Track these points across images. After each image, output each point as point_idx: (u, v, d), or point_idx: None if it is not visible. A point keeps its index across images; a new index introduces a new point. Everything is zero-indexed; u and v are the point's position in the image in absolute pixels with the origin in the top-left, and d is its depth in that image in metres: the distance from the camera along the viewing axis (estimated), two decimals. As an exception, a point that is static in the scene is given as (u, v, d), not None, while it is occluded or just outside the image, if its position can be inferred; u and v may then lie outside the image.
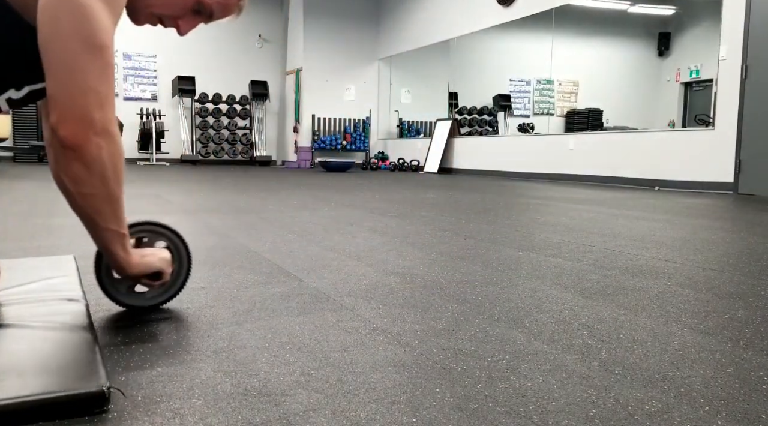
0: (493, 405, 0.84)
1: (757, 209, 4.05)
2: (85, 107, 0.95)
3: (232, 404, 0.83)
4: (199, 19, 1.18)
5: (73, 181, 0.99)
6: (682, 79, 8.37)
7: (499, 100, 9.73)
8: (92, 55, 0.95)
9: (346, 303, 1.40)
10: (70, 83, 0.94)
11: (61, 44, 0.93)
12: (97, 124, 0.96)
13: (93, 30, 0.95)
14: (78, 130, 0.95)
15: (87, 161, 0.97)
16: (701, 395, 0.89)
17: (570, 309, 1.37)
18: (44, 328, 1.04)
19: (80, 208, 1.03)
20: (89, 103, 0.95)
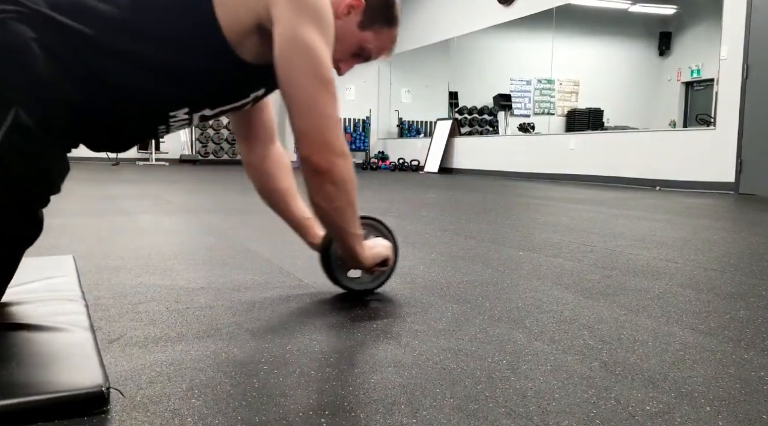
0: (494, 405, 0.84)
1: (758, 209, 4.05)
2: (327, 136, 1.13)
3: (232, 404, 0.83)
4: (357, 60, 1.33)
5: (326, 199, 1.18)
6: (683, 78, 8.36)
7: (500, 100, 9.73)
8: (325, 89, 1.12)
9: (346, 303, 1.40)
10: (313, 117, 1.12)
11: (299, 83, 1.11)
12: (337, 148, 1.15)
13: (322, 67, 1.11)
14: (326, 157, 1.14)
15: (336, 180, 1.16)
16: (702, 396, 0.89)
17: (571, 309, 1.37)
18: (44, 328, 1.04)
19: (332, 220, 1.23)
20: (329, 131, 1.14)
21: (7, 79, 0.96)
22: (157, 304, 1.35)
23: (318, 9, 1.11)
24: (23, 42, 0.96)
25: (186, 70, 1.08)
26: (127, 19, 1.04)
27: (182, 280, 1.60)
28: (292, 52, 1.09)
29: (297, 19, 1.09)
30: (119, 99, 1.07)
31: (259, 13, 1.10)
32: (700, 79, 7.98)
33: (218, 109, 1.18)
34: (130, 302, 1.35)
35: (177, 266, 1.78)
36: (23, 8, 0.98)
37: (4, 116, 0.94)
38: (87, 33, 1.01)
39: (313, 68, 1.10)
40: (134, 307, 1.31)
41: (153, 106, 1.11)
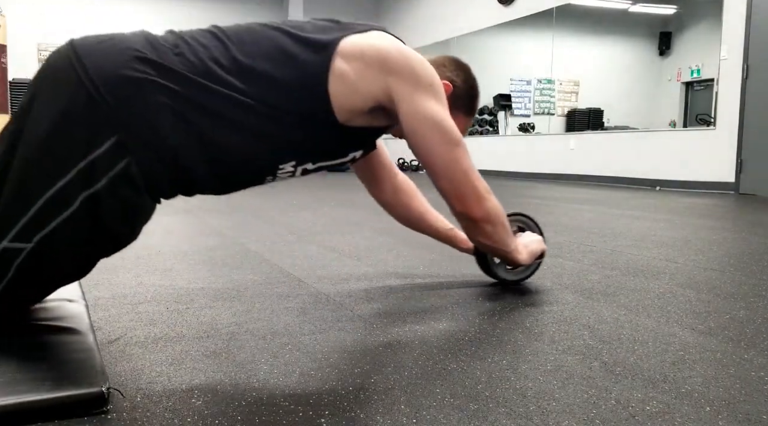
0: (494, 405, 0.84)
1: (759, 209, 4.05)
2: (473, 188, 1.28)
3: (231, 404, 0.83)
4: None
5: (488, 237, 1.36)
6: (683, 78, 8.35)
7: (500, 100, 9.71)
8: (458, 148, 1.25)
9: (346, 303, 1.40)
10: (455, 178, 1.27)
11: (434, 151, 1.24)
12: (482, 192, 1.30)
13: (449, 130, 1.24)
14: (477, 207, 1.29)
15: (491, 220, 1.33)
16: (702, 396, 0.89)
17: (571, 309, 1.37)
18: (44, 328, 1.04)
19: (494, 248, 1.43)
20: (472, 183, 1.28)
21: (133, 131, 1.00)
22: (157, 304, 1.35)
23: (432, 80, 1.23)
24: (155, 103, 1.02)
25: (298, 136, 1.16)
26: (251, 93, 1.09)
27: (182, 280, 1.60)
28: (421, 126, 1.22)
29: (417, 95, 1.20)
30: (236, 158, 1.13)
31: (377, 99, 1.19)
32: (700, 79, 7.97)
33: (319, 163, 1.26)
34: (130, 302, 1.35)
35: (177, 266, 1.78)
36: (163, 72, 1.04)
37: (116, 163, 0.99)
38: (221, 96, 1.07)
39: (442, 135, 1.23)
40: (134, 307, 1.31)
41: (266, 162, 1.18)
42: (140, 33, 1.11)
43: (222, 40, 1.12)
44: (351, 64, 1.14)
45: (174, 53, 1.07)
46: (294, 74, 1.12)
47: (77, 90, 0.99)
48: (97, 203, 0.98)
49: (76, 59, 1.01)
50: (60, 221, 0.97)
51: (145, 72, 1.02)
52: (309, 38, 1.16)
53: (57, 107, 0.98)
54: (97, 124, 0.98)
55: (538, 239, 1.55)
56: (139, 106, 1.01)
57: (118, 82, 1.00)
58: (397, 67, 1.18)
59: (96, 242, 1.04)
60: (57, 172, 0.97)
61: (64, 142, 0.98)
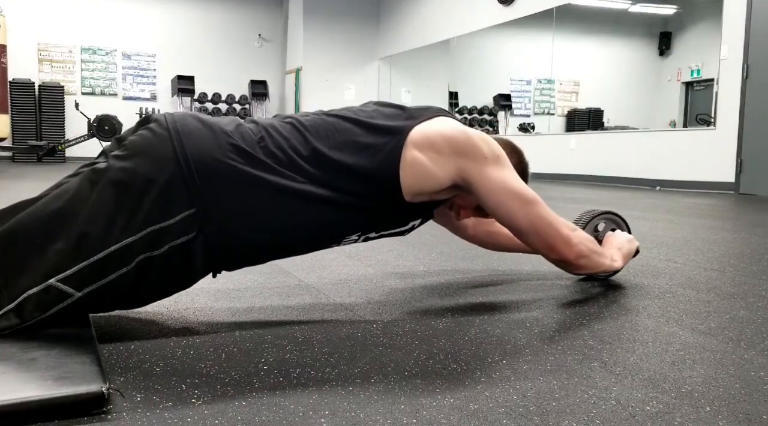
0: (494, 405, 0.84)
1: (759, 209, 4.05)
2: (560, 236, 1.37)
3: (231, 405, 0.83)
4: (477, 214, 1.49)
5: (586, 269, 1.49)
6: (683, 78, 8.35)
7: (500, 100, 9.72)
8: (536, 205, 1.33)
9: (346, 303, 1.40)
10: (543, 232, 1.35)
11: (517, 217, 1.33)
12: (569, 236, 1.39)
13: (523, 192, 1.33)
14: (569, 250, 1.39)
15: (584, 256, 1.43)
16: (702, 396, 0.89)
17: (571, 309, 1.36)
18: (43, 328, 1.04)
19: (595, 272, 1.56)
20: (558, 231, 1.37)
21: (208, 209, 1.08)
22: (157, 304, 1.34)
23: (498, 155, 1.31)
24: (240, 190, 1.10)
25: (367, 212, 1.25)
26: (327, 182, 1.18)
27: (182, 280, 1.60)
28: (500, 199, 1.31)
29: (488, 170, 1.28)
30: (307, 239, 1.24)
31: (453, 180, 1.27)
32: (700, 79, 7.97)
33: (381, 233, 1.34)
34: (130, 302, 1.35)
35: (177, 266, 1.78)
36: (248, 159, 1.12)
37: (183, 234, 1.05)
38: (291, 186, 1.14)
39: (519, 198, 1.32)
40: (134, 307, 1.31)
41: (333, 237, 1.28)
42: (233, 120, 1.20)
43: (301, 131, 1.20)
44: (423, 152, 1.24)
45: (259, 144, 1.15)
46: (368, 162, 1.21)
47: (169, 163, 1.07)
48: (149, 266, 1.05)
49: (177, 138, 1.09)
50: (114, 278, 1.03)
51: (236, 160, 1.11)
52: (380, 125, 1.25)
53: (146, 171, 1.05)
54: (179, 197, 1.06)
55: (629, 238, 1.63)
56: (223, 189, 1.09)
57: (210, 165, 1.09)
58: (465, 149, 1.27)
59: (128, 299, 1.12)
60: (128, 229, 1.03)
61: (143, 201, 1.04)
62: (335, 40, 11.57)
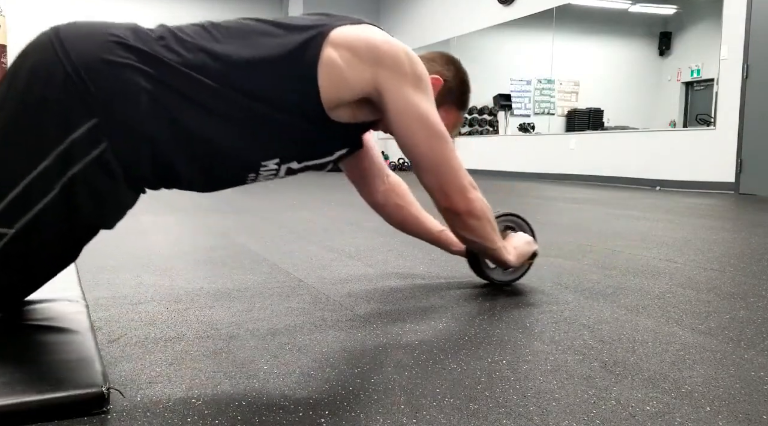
0: (494, 405, 0.84)
1: (759, 209, 4.05)
2: (458, 182, 1.27)
3: (231, 404, 0.83)
4: None
5: (473, 232, 1.34)
6: (683, 78, 8.35)
7: (500, 100, 9.71)
8: (444, 143, 1.24)
9: (346, 303, 1.40)
10: (440, 172, 1.26)
11: (420, 145, 1.23)
12: (468, 187, 1.28)
13: (436, 125, 1.23)
14: (463, 200, 1.28)
15: (477, 215, 1.31)
16: (702, 396, 0.89)
17: (571, 309, 1.37)
18: (44, 328, 1.04)
19: (481, 246, 1.40)
20: (458, 177, 1.27)
21: (109, 115, 0.98)
22: (157, 304, 1.35)
23: (420, 77, 1.22)
24: (135, 89, 1.00)
25: (282, 128, 1.14)
26: (238, 78, 1.08)
27: (182, 280, 1.60)
28: (408, 120, 1.21)
29: (404, 89, 1.19)
30: (217, 150, 1.10)
31: (365, 90, 1.18)
32: (700, 79, 7.97)
33: (304, 163, 1.24)
34: (130, 302, 1.35)
35: (177, 266, 1.78)
36: (145, 59, 1.02)
37: (93, 148, 0.97)
38: (202, 86, 1.05)
39: (429, 129, 1.22)
40: (134, 307, 1.31)
41: (247, 157, 1.15)
42: (126, 23, 1.10)
43: (210, 32, 1.12)
44: (340, 52, 1.13)
45: (159, 43, 1.06)
46: (283, 53, 1.10)
47: (56, 72, 0.97)
48: (73, 190, 0.97)
49: (59, 43, 1.00)
50: (41, 208, 0.96)
51: (128, 58, 1.01)
52: (300, 25, 1.16)
53: (36, 88, 0.97)
54: (75, 107, 0.97)
55: (528, 240, 1.53)
56: (119, 92, 0.99)
57: (99, 67, 0.99)
58: (386, 59, 1.17)
59: (74, 231, 1.03)
60: (37, 155, 0.95)
61: (43, 123, 0.96)
62: (335, 40, 11.55)
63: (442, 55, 1.43)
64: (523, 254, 1.49)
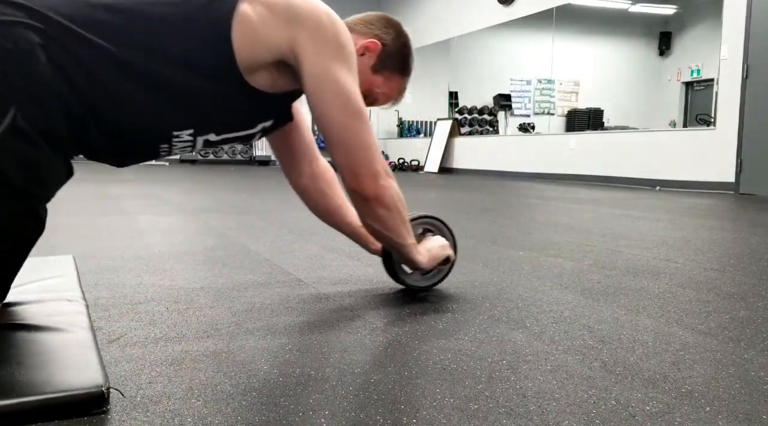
0: (494, 405, 0.84)
1: (758, 209, 4.05)
2: (370, 164, 1.17)
3: (231, 404, 0.83)
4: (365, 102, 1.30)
5: (379, 222, 1.24)
6: (683, 78, 8.36)
7: (500, 100, 9.72)
8: (359, 120, 1.15)
9: (346, 303, 1.40)
10: (352, 150, 1.16)
11: (334, 118, 1.14)
12: (381, 172, 1.19)
13: (354, 100, 1.14)
14: (373, 184, 1.18)
15: (386, 204, 1.21)
16: (702, 395, 0.89)
17: (571, 309, 1.37)
18: (43, 328, 1.04)
19: (387, 238, 1.28)
20: (371, 159, 1.17)
21: (8, 80, 0.94)
22: (157, 304, 1.35)
23: (343, 44, 1.13)
24: (29, 47, 0.95)
25: (193, 92, 1.07)
26: (139, 34, 1.02)
27: (182, 280, 1.60)
28: (323, 90, 1.12)
29: (324, 56, 1.11)
30: (122, 114, 1.04)
31: (281, 52, 1.10)
32: (700, 79, 7.97)
33: (224, 135, 1.16)
34: (130, 302, 1.35)
35: (177, 266, 1.78)
36: (35, 15, 0.97)
37: (2, 117, 0.92)
38: (97, 45, 0.99)
39: (346, 103, 1.13)
40: (134, 307, 1.31)
41: (156, 125, 1.09)
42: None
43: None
44: (256, 7, 1.06)
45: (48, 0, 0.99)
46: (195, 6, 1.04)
47: None
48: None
49: None
50: None
51: (15, 15, 0.95)
52: None
53: None
54: None
55: (443, 244, 1.44)
56: (14, 51, 0.93)
57: None
58: (306, 20, 1.09)
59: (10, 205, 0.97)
60: None
61: None
62: (335, 40, 11.55)
63: (380, 17, 1.33)
64: (435, 257, 1.40)
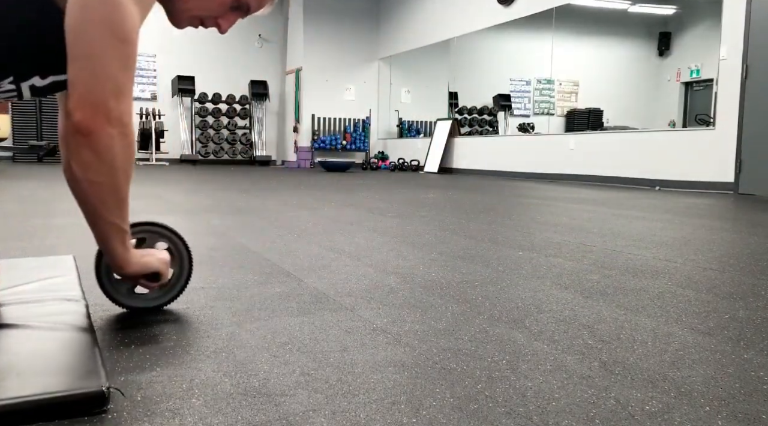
0: (494, 405, 0.84)
1: (758, 209, 4.05)
2: (102, 94, 0.96)
3: (231, 404, 0.83)
4: (237, 14, 1.19)
5: (81, 167, 0.99)
6: (683, 78, 8.36)
7: (500, 100, 9.73)
8: (116, 45, 0.96)
9: (346, 303, 1.40)
10: (91, 69, 0.95)
11: (87, 31, 0.94)
12: (113, 113, 0.97)
13: (120, 22, 0.96)
14: (93, 116, 0.95)
15: (98, 149, 0.97)
16: (702, 395, 0.89)
17: (570, 309, 1.37)
18: (43, 328, 1.04)
19: (85, 196, 1.02)
20: (107, 90, 0.96)
21: None
22: (157, 304, 1.34)
23: None
24: None
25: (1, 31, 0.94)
26: None
27: (182, 280, 1.60)
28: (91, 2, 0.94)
29: None
30: None
31: None
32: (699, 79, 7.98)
33: (51, 78, 1.02)
34: (130, 302, 1.35)
35: (177, 266, 1.78)
36: None
37: None
38: None
39: (111, 20, 0.95)
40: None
41: None
42: None
43: None
44: None
45: None
46: None
47: None
48: None
49: None
50: None
51: None
52: None
53: None
54: None
55: (162, 258, 1.21)
56: None
57: None
58: None
59: None
60: None
61: None
62: (335, 40, 11.58)
63: None
64: (145, 265, 1.17)
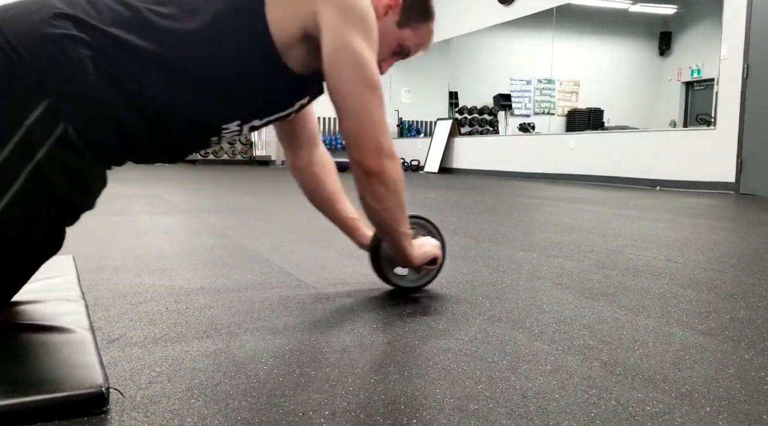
0: (494, 406, 0.84)
1: (759, 209, 4.05)
2: (377, 139, 1.17)
3: (231, 404, 0.83)
4: (397, 58, 1.38)
5: (377, 200, 1.22)
6: (684, 78, 8.35)
7: (500, 100, 9.72)
8: (373, 94, 1.15)
9: (346, 303, 1.40)
10: (363, 122, 1.16)
11: (348, 90, 1.14)
12: (386, 149, 1.18)
13: (370, 73, 1.15)
14: (376, 159, 1.17)
15: (386, 182, 1.19)
16: (702, 396, 0.89)
17: (571, 309, 1.37)
18: (43, 328, 1.04)
19: (383, 219, 1.26)
20: (379, 134, 1.17)
21: (62, 92, 0.96)
22: (156, 304, 1.34)
23: (363, 15, 1.15)
24: (78, 59, 0.97)
25: (239, 83, 1.11)
26: (183, 34, 1.05)
27: (182, 280, 1.60)
28: (341, 60, 1.13)
29: (344, 27, 1.12)
30: (173, 116, 1.08)
31: (305, 22, 1.13)
32: (700, 79, 7.97)
33: (266, 118, 1.21)
34: (130, 302, 1.35)
35: (177, 266, 1.78)
36: (81, 25, 0.99)
37: (53, 129, 0.95)
38: (144, 49, 1.02)
39: (361, 75, 1.14)
40: (134, 307, 1.31)
41: (206, 122, 1.13)
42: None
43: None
44: None
45: (90, 8, 1.02)
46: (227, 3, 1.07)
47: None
48: (43, 174, 0.95)
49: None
50: (9, 199, 0.93)
51: (65, 27, 0.97)
52: None
53: None
54: (24, 90, 0.94)
55: (435, 244, 1.44)
56: (64, 65, 0.96)
57: (38, 42, 0.95)
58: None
59: (53, 214, 1.01)
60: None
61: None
62: (335, 40, 11.55)
63: None
64: (426, 254, 1.39)
